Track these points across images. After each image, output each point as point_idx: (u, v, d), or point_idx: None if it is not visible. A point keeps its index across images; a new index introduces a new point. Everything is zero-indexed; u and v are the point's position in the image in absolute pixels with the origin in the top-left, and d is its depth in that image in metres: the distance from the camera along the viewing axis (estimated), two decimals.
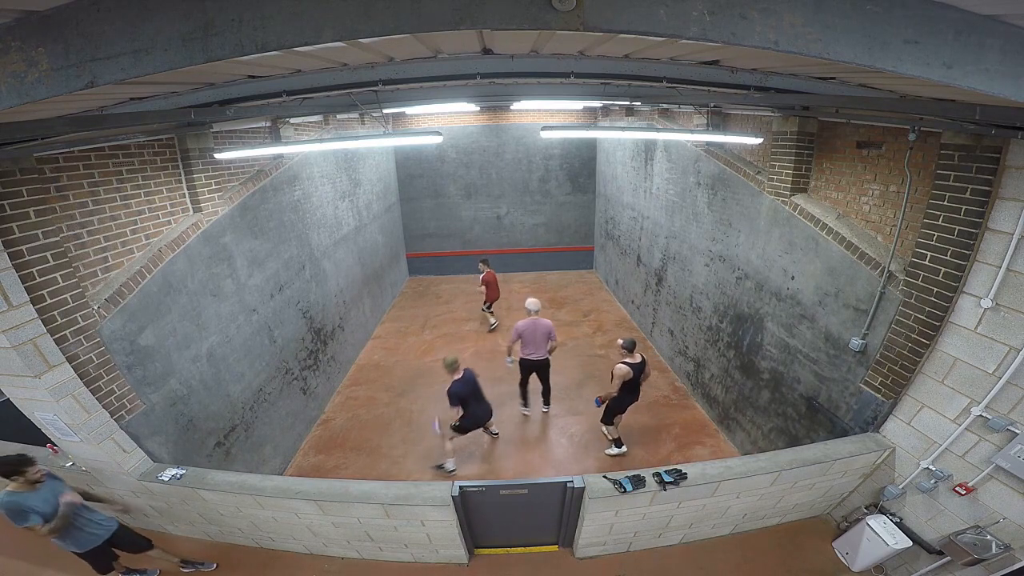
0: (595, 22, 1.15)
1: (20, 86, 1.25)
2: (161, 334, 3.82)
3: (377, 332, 9.32)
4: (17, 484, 2.96)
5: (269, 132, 5.47)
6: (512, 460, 5.57)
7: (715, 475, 3.49)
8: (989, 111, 2.31)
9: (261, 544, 4.09)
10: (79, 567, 3.91)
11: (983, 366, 2.88)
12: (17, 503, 2.93)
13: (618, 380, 4.89)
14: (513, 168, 11.56)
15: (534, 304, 5.70)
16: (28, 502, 2.95)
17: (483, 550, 4.05)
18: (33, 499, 2.97)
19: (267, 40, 1.18)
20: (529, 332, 5.61)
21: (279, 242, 5.66)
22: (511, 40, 2.31)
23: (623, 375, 4.85)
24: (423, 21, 1.16)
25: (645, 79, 3.19)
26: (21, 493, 2.97)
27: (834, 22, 1.19)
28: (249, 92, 3.07)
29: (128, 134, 3.45)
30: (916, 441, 3.38)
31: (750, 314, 5.26)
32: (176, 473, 3.59)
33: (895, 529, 3.40)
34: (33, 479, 2.98)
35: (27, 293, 2.81)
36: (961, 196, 2.89)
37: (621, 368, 4.85)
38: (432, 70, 2.95)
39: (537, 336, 5.63)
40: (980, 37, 1.24)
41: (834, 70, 2.40)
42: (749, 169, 5.16)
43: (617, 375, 4.87)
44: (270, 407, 5.31)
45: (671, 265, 7.40)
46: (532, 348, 5.70)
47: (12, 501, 2.93)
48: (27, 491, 2.98)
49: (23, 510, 2.93)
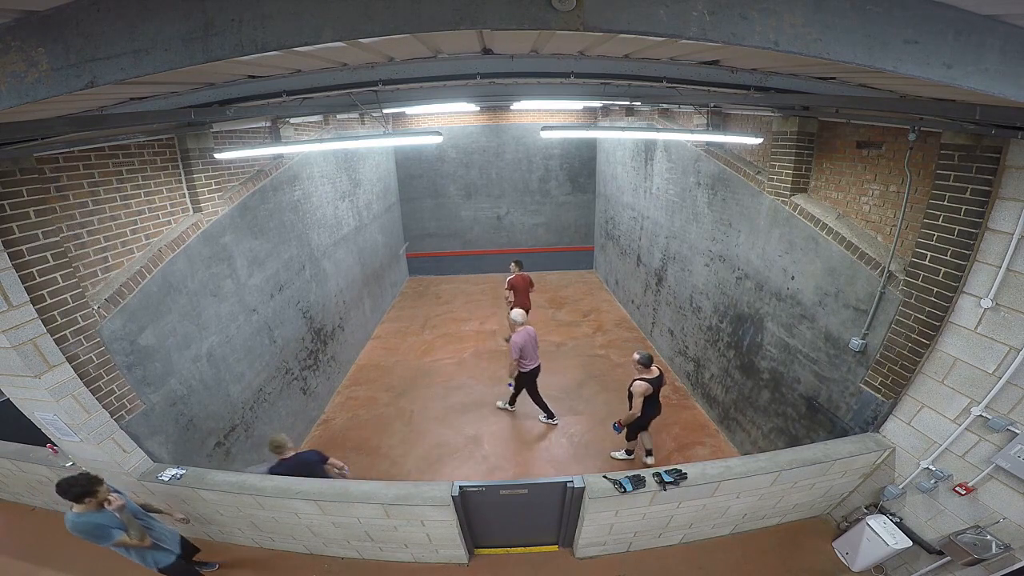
0: (595, 22, 1.15)
1: (20, 86, 1.25)
2: (161, 334, 3.82)
3: (377, 332, 9.32)
4: (86, 505, 2.84)
5: (269, 132, 5.47)
6: (512, 460, 5.57)
7: (715, 475, 3.49)
8: (989, 111, 2.31)
9: (261, 544, 4.09)
10: (79, 567, 3.92)
11: (983, 366, 2.88)
12: (95, 523, 2.84)
13: (638, 399, 4.63)
14: (513, 168, 11.56)
15: (520, 315, 5.63)
16: (103, 520, 2.87)
17: (483, 550, 4.05)
18: (105, 516, 2.89)
19: (267, 40, 1.18)
20: (529, 343, 5.56)
21: (279, 242, 5.66)
22: (511, 40, 2.31)
23: (643, 392, 4.59)
24: (423, 21, 1.16)
25: (645, 79, 3.19)
26: (92, 513, 2.86)
27: (834, 22, 1.19)
28: (249, 92, 3.07)
29: (128, 134, 3.45)
30: (916, 441, 3.38)
31: (750, 314, 5.26)
32: (176, 473, 3.59)
33: (895, 529, 3.40)
34: (102, 498, 2.87)
35: (27, 293, 2.81)
36: (961, 196, 2.89)
37: (640, 385, 4.59)
38: (432, 70, 2.95)
39: (533, 345, 5.65)
40: (980, 37, 1.24)
41: (834, 70, 2.40)
42: (749, 169, 5.16)
43: (637, 393, 4.61)
44: (270, 407, 5.30)
45: (671, 265, 7.40)
46: (531, 358, 5.67)
47: (89, 522, 2.83)
48: (96, 511, 2.87)
49: (104, 527, 2.85)
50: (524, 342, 5.48)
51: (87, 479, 2.82)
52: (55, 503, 4.46)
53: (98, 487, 2.84)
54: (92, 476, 2.86)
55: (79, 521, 2.82)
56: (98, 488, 2.84)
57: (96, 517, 2.85)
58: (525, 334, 5.53)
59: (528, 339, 5.54)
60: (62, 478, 2.81)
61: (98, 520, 2.85)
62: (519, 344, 5.45)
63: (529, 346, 5.56)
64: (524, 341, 5.48)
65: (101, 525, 2.85)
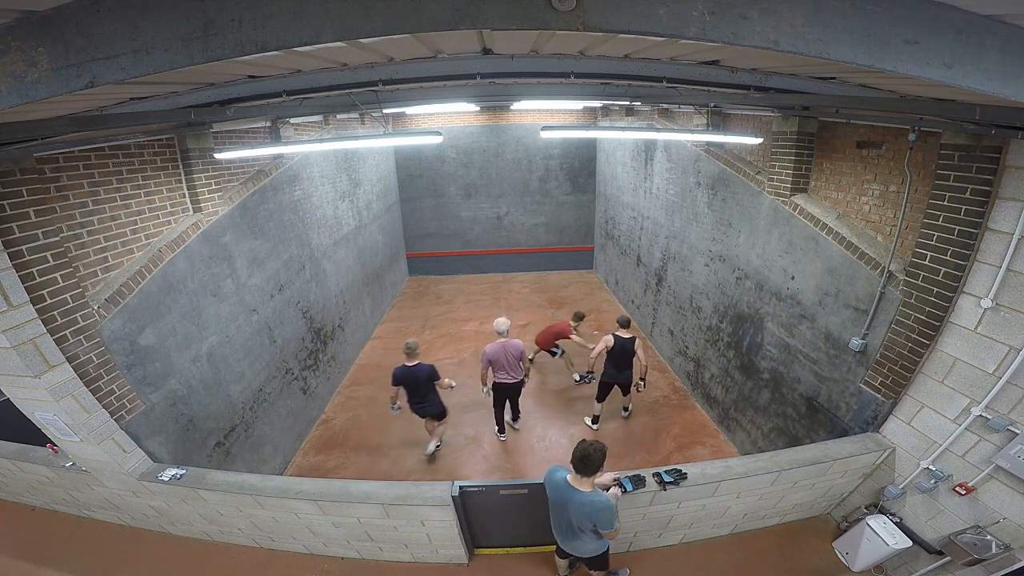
0: (595, 22, 1.15)
1: (20, 86, 1.25)
2: (161, 334, 3.82)
3: (377, 332, 9.32)
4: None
5: (269, 132, 5.47)
6: (512, 460, 5.57)
7: (715, 475, 3.49)
8: (989, 111, 2.31)
9: (261, 544, 4.09)
10: (79, 567, 3.93)
11: (983, 366, 2.88)
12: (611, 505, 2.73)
13: (601, 346, 5.25)
14: (513, 168, 11.56)
15: (503, 324, 5.24)
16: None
17: (483, 550, 4.04)
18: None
19: (267, 40, 1.17)
20: (500, 356, 5.20)
21: (279, 242, 5.66)
22: (511, 40, 2.31)
23: (604, 343, 5.26)
24: (423, 21, 1.16)
25: (645, 79, 3.19)
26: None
27: (834, 22, 1.19)
28: (249, 92, 3.06)
29: (128, 134, 3.45)
30: (916, 441, 3.38)
31: (750, 314, 5.26)
32: (176, 473, 3.59)
33: (895, 529, 3.40)
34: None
35: (27, 293, 2.81)
36: (961, 196, 2.89)
37: (604, 338, 5.27)
38: (432, 70, 2.95)
39: (509, 358, 5.25)
40: (980, 37, 1.24)
41: (834, 70, 2.40)
42: (749, 169, 5.16)
43: (598, 343, 5.28)
44: (270, 407, 5.30)
45: (671, 265, 7.40)
46: (504, 371, 5.33)
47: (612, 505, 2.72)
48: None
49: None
50: (494, 353, 5.18)
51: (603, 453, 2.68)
52: (55, 503, 4.46)
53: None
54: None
55: (612, 504, 2.72)
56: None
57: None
58: (499, 345, 5.19)
59: (500, 351, 5.18)
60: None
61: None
62: (489, 354, 5.17)
63: (501, 359, 5.21)
64: (494, 352, 5.18)
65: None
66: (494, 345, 5.21)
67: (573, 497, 2.73)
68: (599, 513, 2.68)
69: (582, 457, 2.64)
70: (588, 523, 2.76)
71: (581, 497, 2.70)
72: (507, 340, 5.24)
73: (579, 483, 2.73)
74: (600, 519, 2.69)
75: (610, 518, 2.68)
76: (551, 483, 2.87)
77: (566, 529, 2.94)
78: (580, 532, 2.86)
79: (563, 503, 2.81)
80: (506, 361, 5.25)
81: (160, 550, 4.11)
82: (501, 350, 5.21)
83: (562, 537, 3.05)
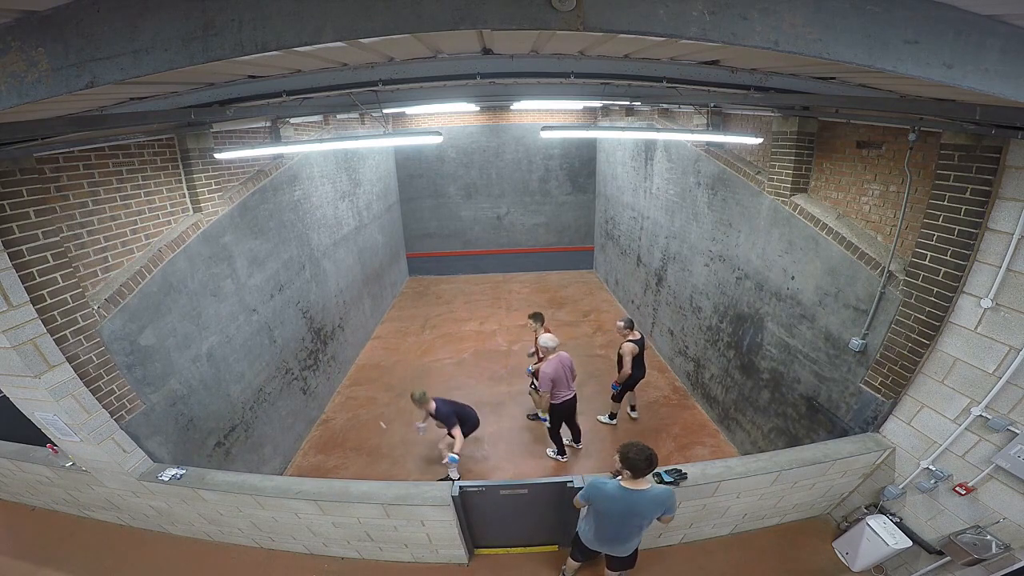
0: (595, 22, 1.15)
1: (20, 86, 1.25)
2: (161, 334, 3.82)
3: (377, 332, 9.32)
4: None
5: (269, 132, 5.47)
6: (512, 460, 5.57)
7: (715, 475, 3.49)
8: (989, 111, 2.31)
9: (261, 544, 4.09)
10: (79, 567, 3.93)
11: (983, 366, 2.88)
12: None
13: (628, 358, 5.34)
14: (513, 168, 11.56)
15: (552, 341, 4.97)
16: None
17: (483, 550, 4.04)
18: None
19: (267, 40, 1.17)
20: (560, 373, 4.86)
21: (279, 242, 5.66)
22: (511, 40, 2.31)
23: (631, 352, 5.33)
24: (423, 21, 1.16)
25: (645, 79, 3.19)
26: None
27: (834, 22, 1.19)
28: (249, 92, 3.06)
29: (128, 134, 3.45)
30: (916, 441, 3.38)
31: (750, 314, 5.26)
32: (176, 473, 3.59)
33: (895, 529, 3.40)
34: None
35: (27, 293, 2.81)
36: (961, 196, 2.89)
37: (628, 346, 5.34)
38: (432, 70, 2.95)
39: (567, 373, 4.95)
40: (980, 37, 1.24)
41: (834, 70, 2.40)
42: (749, 169, 5.16)
43: (625, 353, 5.33)
44: (270, 407, 5.30)
45: (671, 265, 7.40)
46: (565, 389, 5.00)
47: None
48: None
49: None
50: (555, 372, 4.79)
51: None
52: (55, 503, 4.46)
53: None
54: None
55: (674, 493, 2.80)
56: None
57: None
58: (556, 361, 4.85)
59: (559, 367, 4.84)
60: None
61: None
62: (550, 374, 4.75)
63: (562, 376, 4.88)
64: (555, 370, 4.79)
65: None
66: (551, 363, 4.85)
67: (640, 498, 2.77)
68: (669, 499, 2.80)
69: (647, 459, 2.71)
70: (658, 514, 2.84)
71: (648, 495, 2.77)
72: (559, 354, 4.96)
73: (638, 483, 2.79)
74: (671, 504, 2.81)
75: (675, 499, 2.82)
76: (604, 497, 2.84)
77: (628, 534, 2.96)
78: (641, 530, 2.94)
79: (627, 509, 2.81)
80: (565, 377, 4.96)
81: (160, 550, 4.11)
82: (559, 366, 4.88)
83: (620, 543, 3.02)
